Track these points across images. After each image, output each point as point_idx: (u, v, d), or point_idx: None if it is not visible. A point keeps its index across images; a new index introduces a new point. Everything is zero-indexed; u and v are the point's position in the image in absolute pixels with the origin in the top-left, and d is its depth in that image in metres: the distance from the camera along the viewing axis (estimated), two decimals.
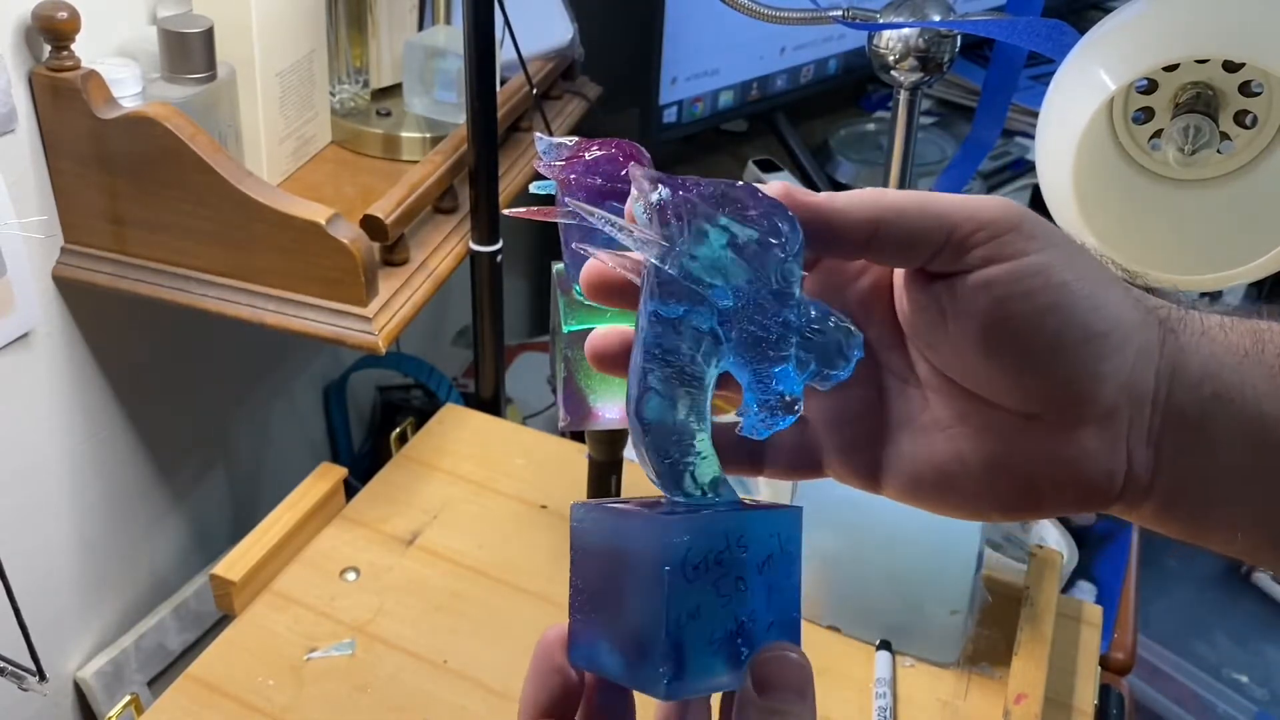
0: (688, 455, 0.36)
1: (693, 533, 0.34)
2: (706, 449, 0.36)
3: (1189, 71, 0.62)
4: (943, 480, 0.37)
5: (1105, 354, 0.34)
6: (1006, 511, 0.37)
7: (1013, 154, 1.50)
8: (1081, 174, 0.62)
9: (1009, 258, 0.34)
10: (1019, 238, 0.34)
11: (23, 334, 0.83)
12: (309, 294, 0.81)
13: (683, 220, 0.35)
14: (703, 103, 1.31)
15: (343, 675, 0.78)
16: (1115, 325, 0.35)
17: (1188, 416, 0.35)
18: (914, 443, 0.38)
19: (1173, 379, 0.35)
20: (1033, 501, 0.37)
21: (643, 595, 0.35)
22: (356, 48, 0.99)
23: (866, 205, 0.35)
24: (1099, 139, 0.64)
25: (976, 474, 0.37)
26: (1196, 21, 0.58)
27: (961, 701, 0.77)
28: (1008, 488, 0.37)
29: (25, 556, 0.88)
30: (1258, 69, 0.60)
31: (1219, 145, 0.62)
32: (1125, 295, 0.36)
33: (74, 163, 0.80)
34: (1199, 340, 0.36)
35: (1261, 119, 0.62)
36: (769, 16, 0.82)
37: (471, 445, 0.98)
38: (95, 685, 0.95)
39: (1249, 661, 1.38)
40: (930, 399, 0.38)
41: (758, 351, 0.36)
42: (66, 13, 0.74)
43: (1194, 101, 0.62)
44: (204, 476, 1.08)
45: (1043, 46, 0.69)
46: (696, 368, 0.36)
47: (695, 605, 0.34)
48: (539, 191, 0.44)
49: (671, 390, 0.35)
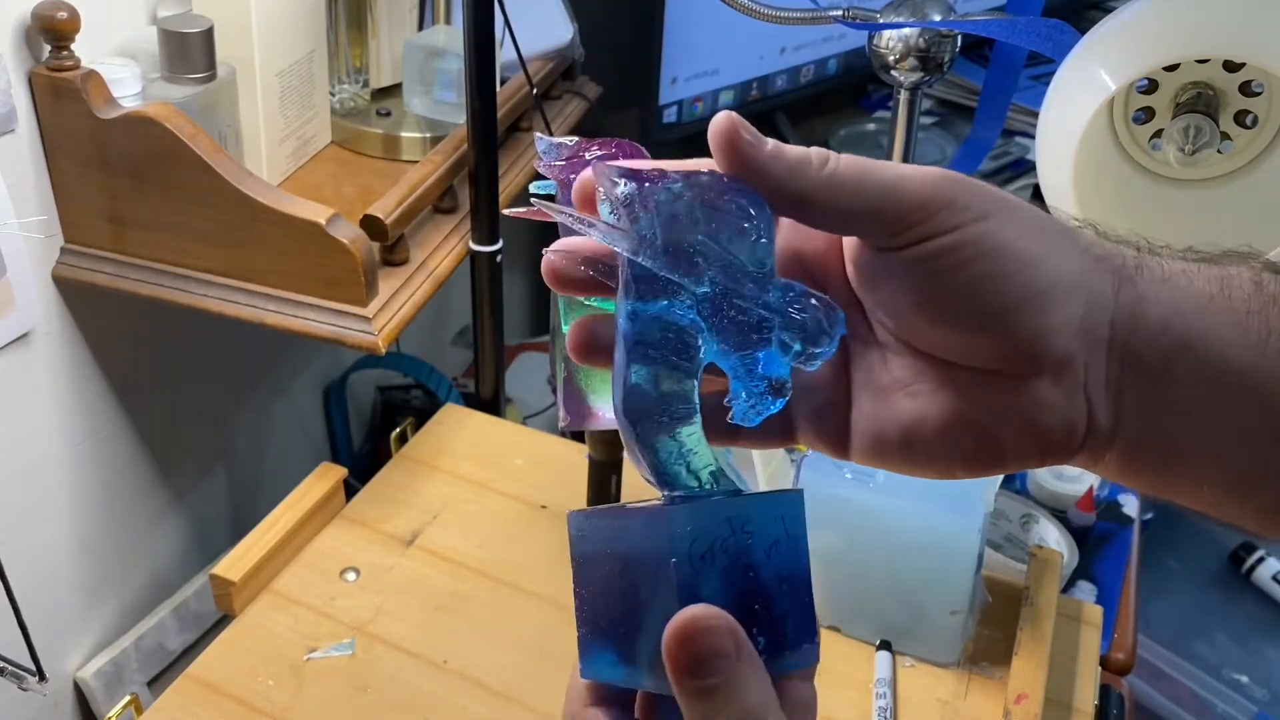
0: (680, 450, 0.36)
1: (695, 521, 0.34)
2: (698, 442, 0.36)
3: (1189, 71, 0.62)
4: (906, 440, 0.38)
5: (1047, 308, 0.34)
6: (971, 467, 0.37)
7: (1013, 154, 1.50)
8: (1081, 174, 0.62)
9: (941, 233, 0.34)
10: (952, 214, 0.34)
11: (23, 334, 0.83)
12: (309, 294, 0.81)
13: (650, 211, 0.34)
14: (703, 103, 1.31)
15: (343, 675, 0.78)
16: (1057, 279, 0.34)
17: (1148, 364, 0.35)
18: (876, 404, 0.38)
19: (1131, 327, 0.35)
20: (995, 456, 0.37)
21: (653, 593, 0.35)
22: (356, 48, 0.99)
23: (798, 179, 0.35)
24: (1099, 139, 0.64)
25: (938, 431, 0.37)
26: (1197, 21, 0.58)
27: (961, 702, 0.77)
28: (970, 443, 0.37)
29: (25, 556, 0.88)
30: (1258, 69, 0.60)
31: (1219, 145, 0.62)
32: (1071, 247, 0.35)
33: (74, 163, 0.80)
34: (1159, 287, 0.35)
35: (1261, 119, 0.62)
36: (769, 16, 0.82)
37: (471, 445, 0.98)
38: (95, 685, 0.95)
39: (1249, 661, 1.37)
40: (889, 359, 0.38)
41: (741, 337, 0.36)
42: (66, 13, 0.74)
43: (1194, 101, 0.62)
44: (204, 476, 1.08)
45: (1043, 46, 0.69)
46: (680, 360, 0.35)
47: (707, 596, 0.34)
48: (539, 191, 0.44)
49: (657, 386, 0.35)
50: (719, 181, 0.35)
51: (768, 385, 0.36)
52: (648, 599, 0.35)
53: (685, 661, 0.32)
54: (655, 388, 0.35)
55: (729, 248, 0.35)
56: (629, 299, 0.35)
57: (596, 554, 0.37)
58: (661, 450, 0.36)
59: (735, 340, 0.36)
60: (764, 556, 0.35)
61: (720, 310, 0.35)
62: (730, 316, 0.35)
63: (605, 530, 0.37)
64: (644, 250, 0.34)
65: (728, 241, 0.35)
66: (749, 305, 0.35)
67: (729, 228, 0.35)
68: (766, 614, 0.35)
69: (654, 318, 0.35)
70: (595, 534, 0.37)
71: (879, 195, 0.34)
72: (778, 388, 0.36)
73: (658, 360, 0.35)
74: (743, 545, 0.35)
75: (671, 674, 0.33)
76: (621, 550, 0.36)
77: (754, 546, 0.35)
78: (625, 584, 0.36)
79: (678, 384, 0.36)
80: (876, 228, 0.35)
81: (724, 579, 0.34)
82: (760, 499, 0.36)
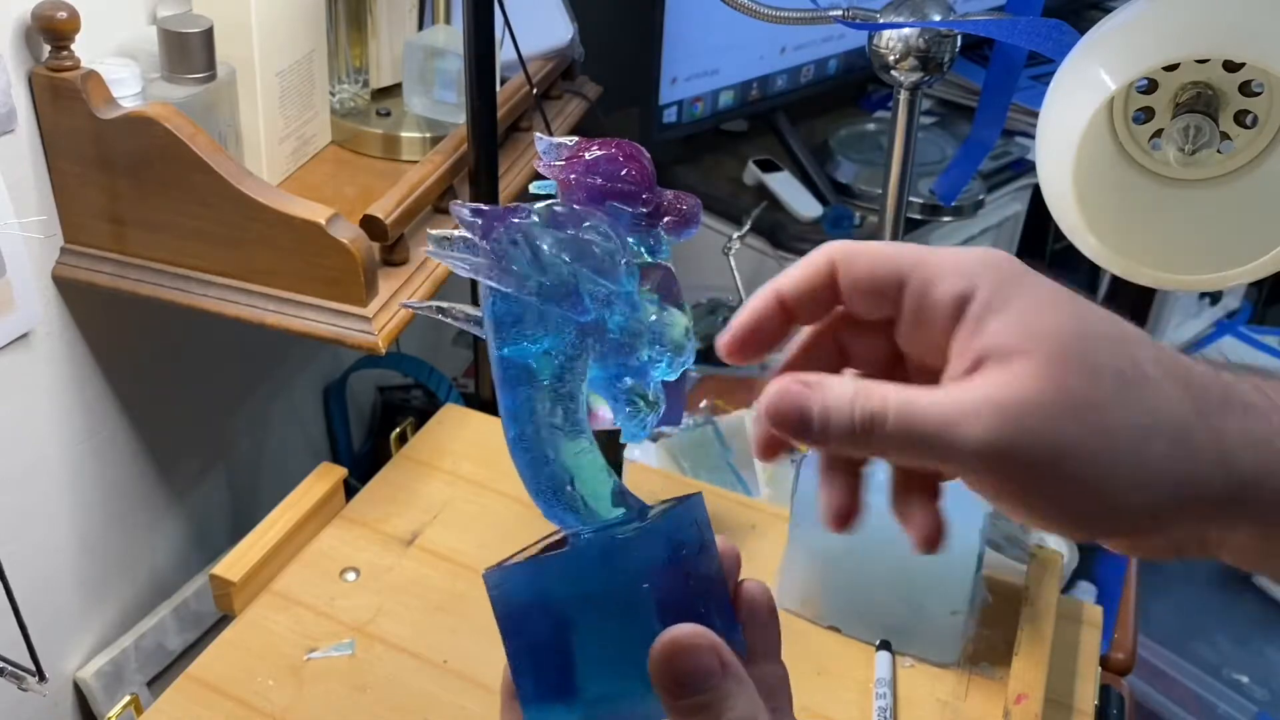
0: (576, 486, 0.37)
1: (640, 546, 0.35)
2: (590, 472, 0.37)
3: (1189, 71, 0.62)
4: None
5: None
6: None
7: (1013, 154, 1.50)
8: (1081, 174, 0.61)
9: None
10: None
11: (23, 334, 0.83)
12: (309, 294, 0.81)
13: (519, 245, 0.35)
14: (703, 103, 1.31)
15: (343, 675, 0.78)
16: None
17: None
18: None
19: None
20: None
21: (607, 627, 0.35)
22: (356, 48, 0.99)
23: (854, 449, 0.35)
24: (1099, 139, 0.64)
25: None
26: (1196, 21, 0.58)
27: (961, 702, 0.77)
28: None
29: (25, 556, 0.88)
30: (1258, 69, 0.60)
31: (1219, 145, 0.62)
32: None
33: (74, 163, 0.80)
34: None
35: (1261, 119, 0.62)
36: (769, 16, 0.82)
37: (471, 445, 0.98)
38: (95, 685, 0.95)
39: (1249, 661, 1.37)
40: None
41: (619, 357, 0.36)
42: (66, 12, 0.74)
43: (1194, 101, 0.62)
44: (204, 476, 1.08)
45: (1043, 46, 0.69)
46: (564, 396, 0.36)
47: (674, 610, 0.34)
48: (539, 191, 0.44)
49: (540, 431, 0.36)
50: (573, 213, 0.36)
51: (644, 400, 0.37)
52: (600, 635, 0.35)
53: (673, 682, 0.33)
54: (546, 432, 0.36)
55: (602, 275, 0.36)
56: (506, 346, 0.35)
57: (526, 606, 0.37)
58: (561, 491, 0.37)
59: (614, 360, 0.36)
60: (697, 563, 0.36)
61: (600, 335, 0.36)
62: (609, 340, 0.36)
63: (531, 580, 0.37)
64: (529, 286, 0.35)
65: (598, 269, 0.36)
66: (629, 324, 0.36)
67: (598, 255, 0.36)
68: (710, 616, 0.36)
69: (531, 363, 0.36)
70: (521, 587, 0.37)
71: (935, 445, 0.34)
72: (654, 401, 0.37)
73: (543, 402, 0.36)
74: (681, 557, 0.36)
75: (661, 696, 0.33)
76: (559, 595, 0.36)
77: (687, 556, 0.36)
78: (568, 629, 0.36)
79: (566, 421, 0.36)
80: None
81: (678, 593, 0.35)
82: (679, 510, 0.37)
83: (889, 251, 0.37)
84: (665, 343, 0.37)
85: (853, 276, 0.37)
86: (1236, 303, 1.82)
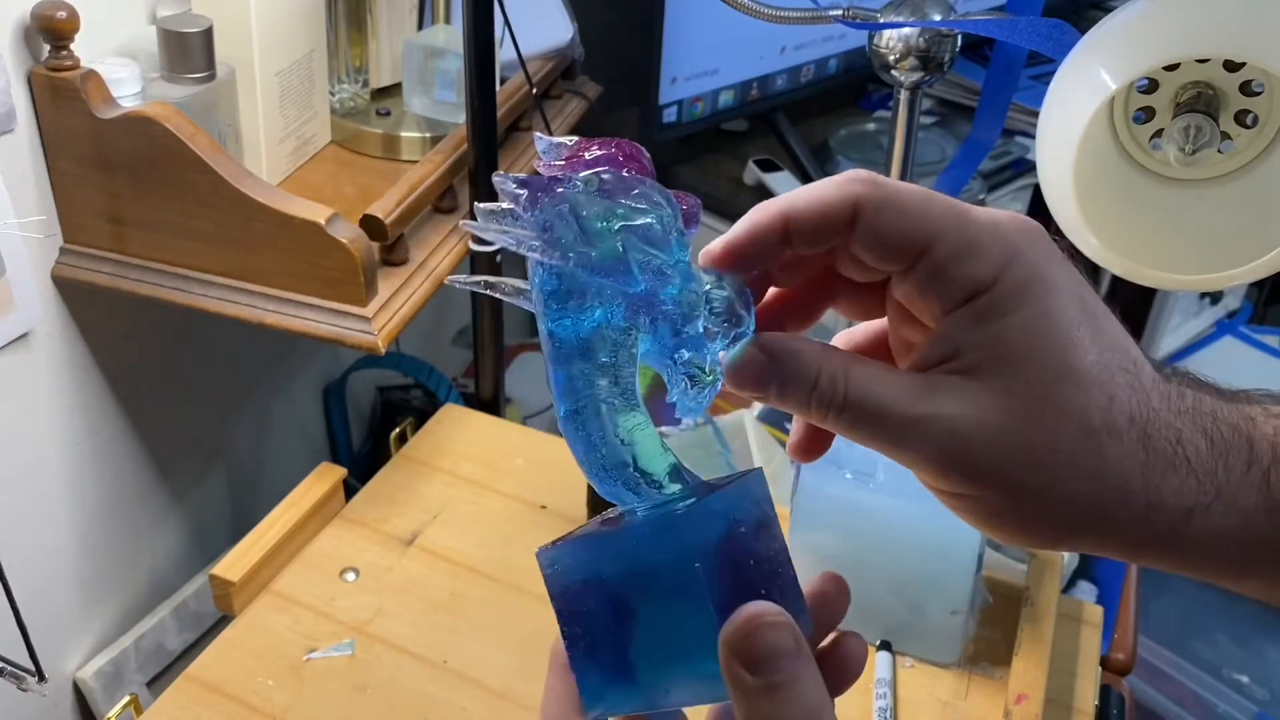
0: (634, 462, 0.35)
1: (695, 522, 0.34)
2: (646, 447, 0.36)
3: (1189, 71, 0.62)
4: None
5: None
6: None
7: (1013, 154, 1.50)
8: (1081, 174, 0.61)
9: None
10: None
11: (22, 334, 0.83)
12: (309, 294, 0.81)
13: (567, 218, 0.34)
14: (703, 102, 1.31)
15: (342, 675, 0.78)
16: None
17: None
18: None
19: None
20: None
21: (667, 606, 0.34)
22: (356, 47, 0.99)
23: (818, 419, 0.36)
24: (1099, 139, 0.64)
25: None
26: (1197, 21, 0.58)
27: (962, 702, 0.77)
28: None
29: (25, 556, 0.88)
30: (1258, 69, 0.60)
31: (1219, 145, 0.62)
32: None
33: (74, 163, 0.80)
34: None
35: (1262, 119, 0.62)
36: (769, 16, 0.82)
37: (471, 445, 0.98)
38: (95, 685, 0.95)
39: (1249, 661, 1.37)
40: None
41: (673, 330, 0.35)
42: (66, 12, 0.74)
43: (1194, 101, 0.62)
44: (204, 476, 1.08)
45: (1043, 46, 0.69)
46: (617, 370, 0.35)
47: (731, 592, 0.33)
48: None
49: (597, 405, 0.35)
50: (621, 180, 0.35)
51: (702, 374, 0.36)
52: (655, 612, 0.34)
53: (748, 659, 0.32)
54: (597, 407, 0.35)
55: (652, 245, 0.34)
56: (554, 319, 0.35)
57: (580, 584, 0.36)
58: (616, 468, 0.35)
59: (668, 334, 0.35)
60: (755, 541, 0.35)
61: (652, 307, 0.35)
62: (664, 310, 0.35)
63: (588, 558, 0.36)
64: (575, 258, 0.34)
65: (648, 238, 0.34)
66: (681, 295, 0.35)
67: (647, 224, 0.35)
68: (771, 596, 0.34)
69: (588, 337, 0.35)
70: (574, 565, 0.36)
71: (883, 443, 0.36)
72: (712, 375, 0.36)
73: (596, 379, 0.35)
74: (739, 534, 0.35)
75: (731, 673, 0.32)
76: (620, 573, 0.35)
77: (747, 534, 0.35)
78: (623, 607, 0.35)
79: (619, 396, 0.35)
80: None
81: (737, 572, 0.34)
82: (738, 488, 0.36)
83: (920, 211, 0.35)
84: (722, 313, 0.36)
85: (875, 228, 0.35)
86: (1237, 303, 1.81)
